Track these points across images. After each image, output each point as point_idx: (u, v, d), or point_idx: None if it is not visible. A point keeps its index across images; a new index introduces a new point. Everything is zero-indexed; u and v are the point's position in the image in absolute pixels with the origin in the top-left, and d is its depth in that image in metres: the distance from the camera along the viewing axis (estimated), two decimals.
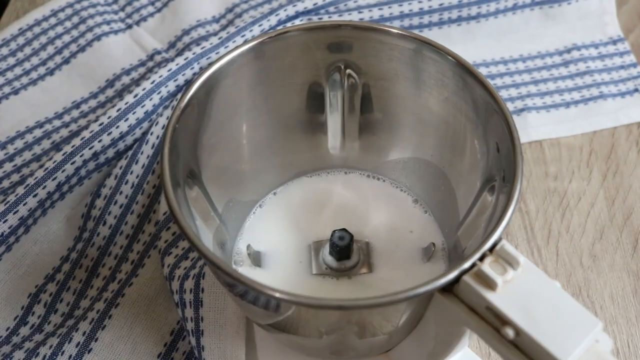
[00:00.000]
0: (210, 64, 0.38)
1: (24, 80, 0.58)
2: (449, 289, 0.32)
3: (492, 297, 0.31)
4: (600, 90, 0.57)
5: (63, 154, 0.49)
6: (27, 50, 0.59)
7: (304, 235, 0.43)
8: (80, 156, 0.50)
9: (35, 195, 0.48)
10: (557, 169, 0.54)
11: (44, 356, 0.44)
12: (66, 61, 0.59)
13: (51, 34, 0.60)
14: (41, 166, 0.50)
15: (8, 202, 0.47)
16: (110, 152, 0.51)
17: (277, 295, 0.31)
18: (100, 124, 0.50)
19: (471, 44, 0.60)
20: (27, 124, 0.55)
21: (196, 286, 0.44)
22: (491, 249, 0.32)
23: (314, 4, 0.58)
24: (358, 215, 0.44)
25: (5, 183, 0.52)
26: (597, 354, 0.30)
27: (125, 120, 0.51)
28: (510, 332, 0.30)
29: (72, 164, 0.49)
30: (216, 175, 0.41)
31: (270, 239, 0.43)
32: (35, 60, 0.59)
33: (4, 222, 0.47)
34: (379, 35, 0.40)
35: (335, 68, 0.42)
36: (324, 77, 0.42)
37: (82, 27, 0.60)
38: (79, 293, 0.48)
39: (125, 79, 0.57)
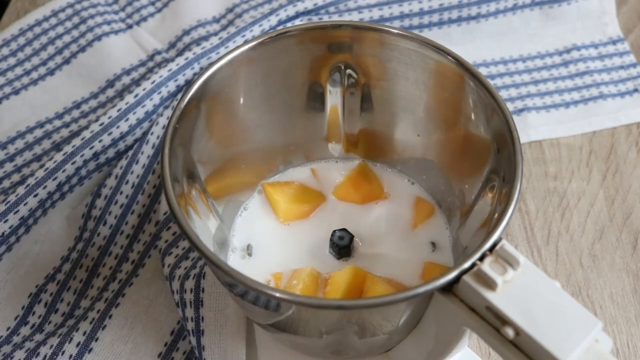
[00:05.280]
0: (211, 64, 0.38)
1: (25, 80, 0.58)
2: (448, 289, 0.32)
3: (492, 297, 0.31)
4: (600, 91, 0.57)
5: (63, 154, 0.49)
6: (28, 50, 0.59)
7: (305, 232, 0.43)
8: (81, 156, 0.50)
9: (35, 195, 0.48)
10: (556, 169, 0.54)
11: (45, 356, 0.44)
12: (67, 61, 0.59)
13: (52, 34, 0.60)
14: (42, 166, 0.50)
15: (9, 202, 0.48)
16: (111, 152, 0.51)
17: (277, 295, 0.31)
18: (101, 124, 0.51)
19: (471, 44, 0.60)
20: (27, 123, 0.55)
21: (197, 286, 0.44)
22: (491, 249, 0.32)
23: (314, 4, 0.58)
24: (359, 211, 0.44)
25: (6, 183, 0.52)
26: (597, 353, 0.30)
27: (125, 120, 0.51)
28: (510, 332, 0.30)
29: (72, 163, 0.49)
30: (216, 174, 0.41)
31: (269, 235, 0.43)
32: (35, 60, 0.59)
33: (4, 222, 0.47)
34: (379, 35, 0.40)
35: (335, 68, 0.42)
36: (324, 77, 0.42)
37: (83, 27, 0.60)
38: (79, 293, 0.48)
39: (126, 79, 0.57)
